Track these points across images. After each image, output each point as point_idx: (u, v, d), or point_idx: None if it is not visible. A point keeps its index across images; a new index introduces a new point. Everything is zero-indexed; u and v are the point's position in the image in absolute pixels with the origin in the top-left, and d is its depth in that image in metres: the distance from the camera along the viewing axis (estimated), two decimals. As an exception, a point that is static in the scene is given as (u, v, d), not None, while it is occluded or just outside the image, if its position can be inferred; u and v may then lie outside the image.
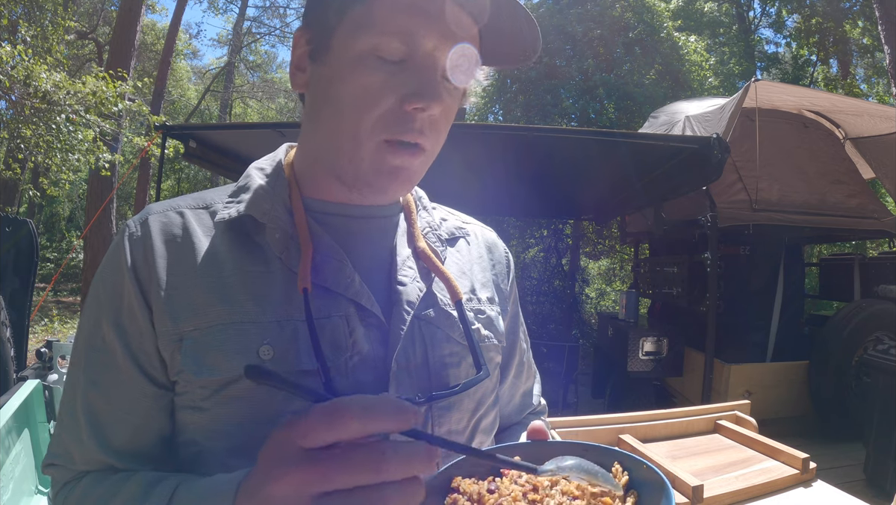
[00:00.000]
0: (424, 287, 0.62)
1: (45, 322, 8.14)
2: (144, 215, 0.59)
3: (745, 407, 1.54)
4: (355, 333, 0.56)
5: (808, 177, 4.33)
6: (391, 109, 0.53)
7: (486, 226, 0.79)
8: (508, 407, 0.78)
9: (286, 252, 0.57)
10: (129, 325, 0.55)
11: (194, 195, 0.62)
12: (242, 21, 17.56)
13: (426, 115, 0.54)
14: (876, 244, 8.50)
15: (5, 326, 2.99)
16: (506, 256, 0.77)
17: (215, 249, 0.57)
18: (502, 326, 0.70)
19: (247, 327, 0.53)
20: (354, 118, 0.54)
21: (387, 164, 0.55)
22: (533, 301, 8.46)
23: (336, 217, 0.61)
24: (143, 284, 0.55)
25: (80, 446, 0.56)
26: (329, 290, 0.56)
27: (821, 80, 12.21)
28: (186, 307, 0.54)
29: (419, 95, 0.52)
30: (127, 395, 0.55)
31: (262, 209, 0.58)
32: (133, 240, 0.57)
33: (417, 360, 0.59)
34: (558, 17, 8.93)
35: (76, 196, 16.11)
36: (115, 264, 0.57)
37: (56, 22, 7.36)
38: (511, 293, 0.76)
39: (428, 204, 0.72)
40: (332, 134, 0.56)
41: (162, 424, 0.56)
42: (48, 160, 5.88)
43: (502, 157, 4.03)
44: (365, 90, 0.53)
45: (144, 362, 0.55)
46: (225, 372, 0.52)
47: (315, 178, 0.61)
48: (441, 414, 0.59)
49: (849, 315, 4.03)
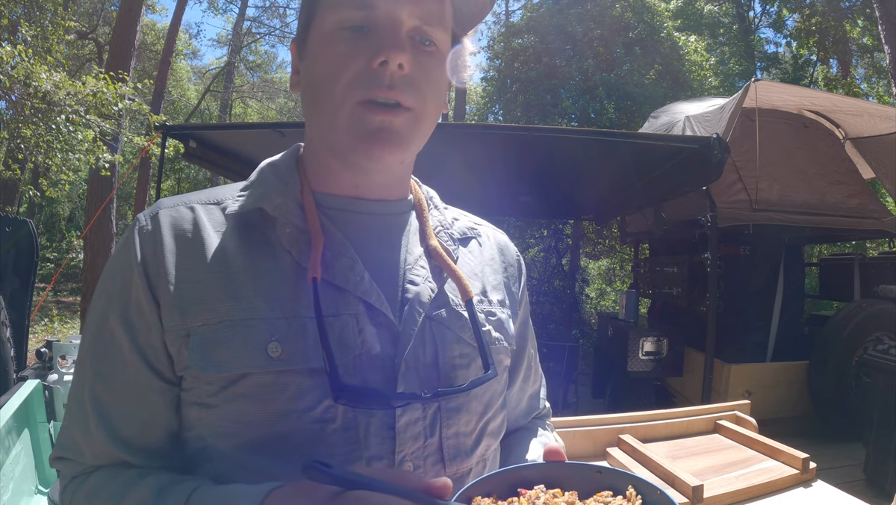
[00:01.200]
0: (436, 287, 0.62)
1: (45, 322, 8.14)
2: (155, 210, 0.59)
3: (745, 407, 1.53)
4: (364, 333, 0.56)
5: (808, 177, 4.33)
6: (361, 71, 0.55)
7: (497, 228, 0.79)
8: (516, 411, 0.78)
9: (296, 247, 0.57)
10: (136, 319, 0.55)
11: (205, 191, 0.63)
12: (242, 21, 17.56)
13: (394, 67, 0.54)
14: (876, 244, 8.50)
15: (5, 326, 2.99)
16: (517, 260, 0.77)
17: (225, 245, 0.57)
18: (512, 328, 0.70)
19: (255, 324, 0.53)
20: (329, 87, 0.56)
21: (366, 125, 0.55)
22: (533, 301, 8.44)
23: (347, 213, 0.62)
24: (151, 279, 0.55)
25: (89, 438, 0.56)
26: (339, 287, 0.56)
27: (821, 80, 12.21)
28: (195, 302, 0.54)
29: (381, 49, 0.54)
30: (134, 389, 0.55)
31: (274, 203, 0.58)
32: (143, 234, 0.57)
33: (427, 360, 0.58)
34: (558, 17, 8.93)
35: (76, 196, 16.10)
36: (125, 258, 0.57)
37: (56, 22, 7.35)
38: (522, 297, 0.76)
39: (440, 203, 0.72)
40: (318, 112, 0.58)
41: (169, 418, 0.56)
42: (48, 160, 5.88)
43: (502, 157, 4.03)
44: (334, 60, 0.55)
45: (151, 357, 0.55)
46: (232, 368, 0.52)
47: (323, 172, 0.62)
48: (449, 416, 0.59)
49: (849, 315, 4.03)
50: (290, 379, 0.53)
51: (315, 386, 0.53)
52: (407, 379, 0.56)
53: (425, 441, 0.57)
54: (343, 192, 0.62)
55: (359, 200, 0.62)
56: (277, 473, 0.50)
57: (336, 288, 0.56)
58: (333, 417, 0.53)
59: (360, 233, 0.61)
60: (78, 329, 7.77)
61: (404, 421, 0.56)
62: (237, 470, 0.53)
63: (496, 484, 0.53)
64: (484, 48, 10.66)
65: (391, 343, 0.57)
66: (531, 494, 0.52)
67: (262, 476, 0.50)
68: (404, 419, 0.56)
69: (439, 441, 0.58)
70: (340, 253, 0.58)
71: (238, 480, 0.51)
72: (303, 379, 0.53)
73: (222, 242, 0.57)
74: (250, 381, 0.52)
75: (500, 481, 0.54)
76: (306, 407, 0.53)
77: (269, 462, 0.52)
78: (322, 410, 0.53)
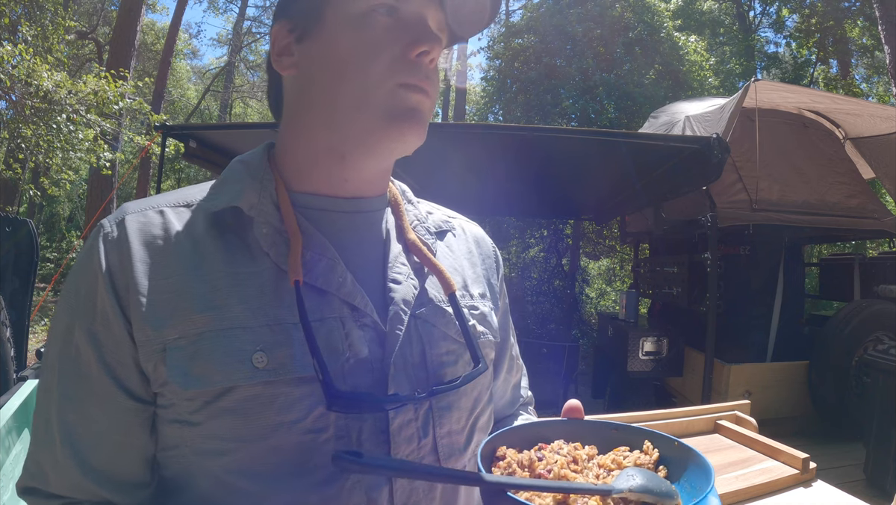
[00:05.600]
0: (419, 284, 0.61)
1: (45, 322, 8.14)
2: (121, 215, 0.55)
3: (745, 407, 1.53)
4: (351, 336, 0.54)
5: (808, 177, 4.33)
6: (399, 57, 0.55)
7: (470, 220, 0.78)
8: (501, 402, 0.78)
9: (274, 248, 0.54)
10: (103, 334, 0.51)
11: (174, 192, 0.59)
12: (242, 21, 17.57)
13: (429, 59, 0.56)
14: (876, 244, 8.49)
15: (5, 326, 2.99)
16: (493, 251, 0.76)
17: (199, 250, 0.53)
18: (495, 321, 0.70)
19: (237, 333, 0.50)
20: (363, 69, 0.54)
21: (404, 104, 0.55)
22: (533, 301, 8.46)
23: (323, 212, 0.59)
24: (119, 291, 0.51)
25: (56, 467, 0.52)
26: (321, 290, 0.54)
27: (821, 81, 12.20)
28: (170, 314, 0.50)
29: (422, 40, 0.55)
30: (104, 410, 0.51)
31: (250, 202, 0.55)
32: (108, 242, 0.53)
33: (415, 360, 0.57)
34: (558, 17, 8.93)
35: (76, 196, 16.10)
36: (88, 268, 0.52)
37: (56, 22, 7.35)
38: (501, 288, 0.75)
39: (413, 197, 0.70)
40: (335, 95, 0.56)
41: (144, 441, 0.52)
42: (48, 160, 5.88)
43: (502, 157, 4.03)
44: (369, 43, 0.55)
45: (121, 375, 0.51)
46: (216, 382, 0.49)
47: (304, 168, 0.60)
48: (441, 415, 0.58)
49: (849, 315, 4.03)
50: (277, 390, 0.50)
51: (304, 395, 0.50)
52: (397, 381, 0.55)
53: (419, 442, 0.56)
54: (319, 190, 0.59)
55: (336, 199, 0.60)
56: (266, 495, 0.49)
57: (318, 291, 0.54)
58: (325, 426, 0.51)
59: (339, 232, 0.59)
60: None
61: (397, 423, 0.54)
62: (223, 493, 0.50)
63: (516, 439, 0.55)
64: (484, 48, 10.67)
65: (378, 345, 0.55)
66: (553, 445, 0.54)
67: (250, 499, 0.49)
68: (397, 421, 0.54)
69: (433, 441, 0.57)
70: (321, 254, 0.55)
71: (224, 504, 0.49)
72: (291, 389, 0.50)
73: (196, 248, 0.53)
74: (236, 394, 0.49)
75: (519, 437, 0.55)
76: (296, 418, 0.50)
77: (259, 484, 0.49)
78: (313, 419, 0.51)
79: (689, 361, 4.25)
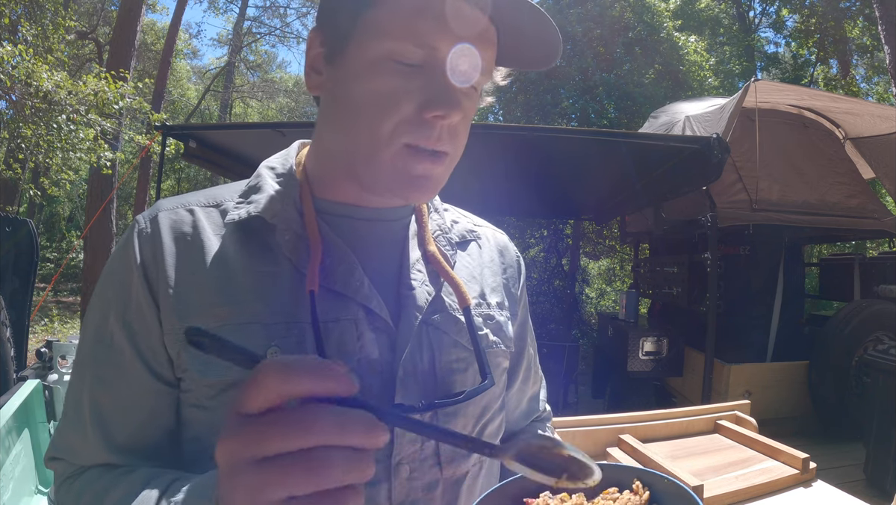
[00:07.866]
0: (433, 291, 0.61)
1: (45, 322, 8.14)
2: (154, 212, 0.59)
3: (745, 407, 1.53)
4: (363, 338, 0.56)
5: (808, 177, 4.33)
6: (410, 116, 0.52)
7: (498, 228, 0.78)
8: (516, 412, 0.78)
9: (295, 253, 0.56)
10: (136, 321, 0.55)
11: (205, 192, 0.62)
12: (242, 21, 17.56)
13: (446, 122, 0.52)
14: (876, 244, 8.49)
15: (5, 326, 2.99)
16: (517, 260, 0.77)
17: (225, 249, 0.57)
18: (511, 331, 0.70)
19: (254, 328, 0.53)
20: (373, 122, 0.52)
21: (409, 171, 0.53)
22: (533, 301, 8.45)
23: (346, 219, 0.61)
24: (151, 282, 0.55)
25: (84, 442, 0.56)
26: (338, 293, 0.56)
27: (821, 81, 12.20)
28: (194, 306, 0.54)
29: (438, 104, 0.51)
30: (133, 391, 0.55)
31: (273, 210, 0.57)
32: (143, 236, 0.57)
33: (424, 365, 0.58)
34: (558, 17, 8.92)
35: (76, 196, 16.10)
36: (124, 260, 0.56)
37: (56, 22, 7.35)
38: (521, 298, 0.75)
39: (440, 205, 0.71)
40: (349, 136, 0.55)
41: (168, 419, 0.56)
42: (48, 160, 5.89)
43: (502, 157, 4.02)
44: (382, 95, 0.52)
45: (151, 359, 0.55)
46: (231, 373, 0.52)
47: (328, 179, 0.60)
48: (446, 420, 0.59)
49: (849, 315, 4.03)
50: None
51: None
52: (405, 385, 0.56)
53: (422, 444, 0.57)
54: (345, 199, 0.61)
55: (358, 207, 0.61)
56: None
57: (336, 294, 0.56)
58: None
59: (359, 238, 0.60)
60: (78, 329, 7.77)
61: None
62: None
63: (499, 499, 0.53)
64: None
65: (389, 348, 0.57)
66: (539, 500, 0.52)
67: None
68: None
69: (436, 444, 0.58)
70: (340, 259, 0.57)
71: None
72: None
73: (222, 246, 0.57)
74: None
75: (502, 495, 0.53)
76: None
77: None
78: None
79: (689, 361, 4.25)
